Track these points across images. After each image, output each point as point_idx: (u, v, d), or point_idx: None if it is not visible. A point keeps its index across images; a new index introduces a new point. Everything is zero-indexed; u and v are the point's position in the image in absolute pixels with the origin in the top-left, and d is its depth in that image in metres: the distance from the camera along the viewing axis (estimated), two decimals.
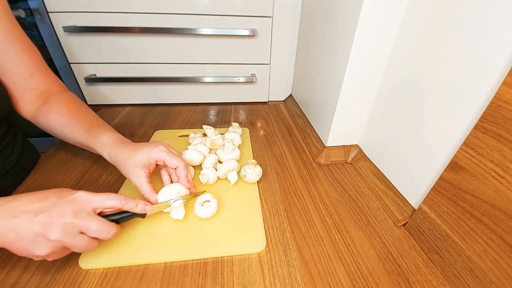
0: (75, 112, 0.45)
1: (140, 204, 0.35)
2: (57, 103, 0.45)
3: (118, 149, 0.40)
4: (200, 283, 0.32)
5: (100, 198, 0.31)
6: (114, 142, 0.41)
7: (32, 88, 0.45)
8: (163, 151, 0.41)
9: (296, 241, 0.38)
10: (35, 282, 0.31)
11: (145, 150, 0.40)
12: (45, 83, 0.46)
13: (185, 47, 0.72)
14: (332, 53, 0.53)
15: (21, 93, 0.44)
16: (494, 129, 0.27)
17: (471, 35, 0.31)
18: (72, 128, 0.43)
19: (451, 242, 0.33)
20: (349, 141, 0.59)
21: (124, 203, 0.33)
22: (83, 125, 0.43)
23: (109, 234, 0.31)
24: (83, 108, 0.47)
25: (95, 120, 0.45)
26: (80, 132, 0.42)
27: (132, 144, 0.42)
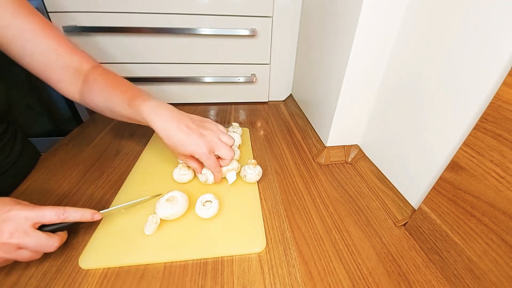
0: (113, 85, 0.44)
1: (86, 214, 0.33)
2: (95, 81, 0.44)
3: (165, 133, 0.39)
4: (200, 283, 0.32)
5: (37, 213, 0.30)
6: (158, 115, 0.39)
7: (64, 66, 0.44)
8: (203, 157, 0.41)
9: (296, 241, 0.38)
10: (35, 282, 0.31)
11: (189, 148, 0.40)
12: (75, 59, 0.45)
13: (185, 47, 0.72)
14: (332, 53, 0.53)
15: (56, 73, 0.43)
16: (494, 129, 0.27)
17: (471, 35, 0.31)
18: (115, 102, 0.42)
19: (451, 242, 0.33)
20: (349, 141, 0.59)
21: (64, 217, 0.32)
22: (124, 98, 0.42)
23: (51, 247, 0.31)
24: (119, 80, 0.46)
25: (134, 91, 0.44)
26: (122, 105, 0.41)
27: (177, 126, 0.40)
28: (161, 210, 0.38)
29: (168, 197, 0.39)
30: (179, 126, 0.40)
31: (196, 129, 0.41)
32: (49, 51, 0.42)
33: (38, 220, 0.30)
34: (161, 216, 0.38)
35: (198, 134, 0.40)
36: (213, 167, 0.42)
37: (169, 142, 0.40)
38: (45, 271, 0.33)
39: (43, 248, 0.30)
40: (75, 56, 0.45)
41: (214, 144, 0.42)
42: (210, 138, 0.41)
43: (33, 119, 0.87)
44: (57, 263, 0.33)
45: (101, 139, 0.61)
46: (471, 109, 0.32)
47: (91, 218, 0.34)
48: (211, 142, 0.41)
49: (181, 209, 0.39)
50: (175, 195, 0.40)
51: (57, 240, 0.31)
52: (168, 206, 0.38)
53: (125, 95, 0.42)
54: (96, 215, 0.34)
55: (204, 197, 0.41)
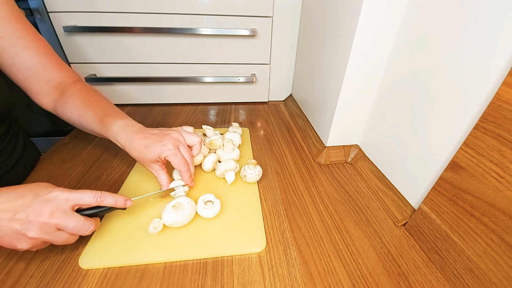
0: (88, 102, 0.45)
1: (119, 200, 0.35)
2: (72, 95, 0.45)
3: (130, 144, 0.40)
4: (200, 283, 0.32)
5: (77, 195, 0.32)
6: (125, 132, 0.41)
7: (47, 80, 0.45)
8: (171, 154, 0.40)
9: (296, 241, 0.38)
10: (35, 282, 0.31)
11: (155, 149, 0.40)
12: (58, 75, 0.46)
13: (185, 47, 0.72)
14: (332, 53, 0.53)
15: (38, 86, 0.45)
16: (494, 129, 0.27)
17: (471, 35, 0.31)
18: (87, 119, 0.43)
19: (451, 242, 0.33)
20: (349, 141, 0.59)
21: (101, 200, 0.33)
22: (96, 115, 0.43)
23: (87, 231, 0.32)
24: (96, 97, 0.47)
25: (108, 109, 0.45)
26: (94, 122, 0.42)
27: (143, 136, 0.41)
28: (166, 216, 0.38)
29: (175, 204, 0.39)
30: (143, 135, 0.41)
31: (160, 133, 0.42)
32: (37, 66, 0.44)
33: (78, 202, 0.32)
34: (166, 223, 0.38)
35: (161, 136, 0.41)
36: (182, 165, 0.41)
37: (135, 154, 0.40)
38: (45, 271, 0.33)
39: (80, 231, 0.31)
40: (58, 71, 0.46)
41: (179, 142, 0.42)
42: (176, 136, 0.42)
43: (33, 119, 0.87)
44: (57, 263, 0.34)
45: (100, 139, 0.61)
46: (471, 109, 0.32)
47: (124, 204, 0.35)
48: (175, 140, 0.42)
49: (186, 218, 0.38)
50: (182, 202, 0.39)
51: (93, 224, 0.32)
52: (173, 213, 0.37)
53: (97, 113, 0.43)
54: (128, 201, 0.36)
55: (205, 197, 0.41)
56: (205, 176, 0.49)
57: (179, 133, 0.43)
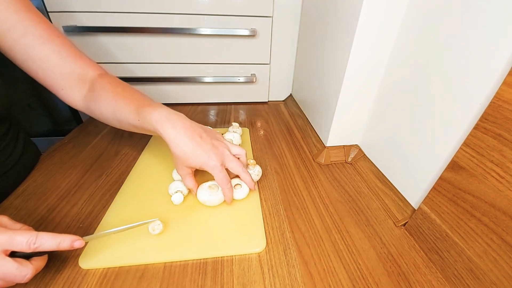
0: (122, 94, 0.42)
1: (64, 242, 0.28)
2: (102, 89, 0.42)
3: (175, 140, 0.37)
4: (200, 283, 0.32)
5: (6, 238, 0.26)
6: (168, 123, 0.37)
7: (67, 72, 0.42)
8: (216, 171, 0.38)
9: (296, 241, 0.38)
10: (34, 282, 0.31)
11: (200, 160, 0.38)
12: (79, 66, 0.43)
13: (185, 47, 0.72)
14: (332, 53, 0.53)
15: (59, 80, 0.41)
16: (494, 129, 0.27)
17: (471, 35, 0.31)
18: (123, 112, 0.40)
19: (451, 242, 0.33)
20: (349, 141, 0.59)
21: (36, 247, 0.27)
22: (132, 106, 0.40)
23: (23, 278, 0.26)
24: (129, 89, 0.44)
25: (143, 99, 0.42)
26: (131, 114, 0.39)
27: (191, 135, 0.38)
28: (201, 194, 0.41)
29: (210, 185, 0.42)
30: (191, 135, 0.37)
31: (209, 139, 0.39)
32: (52, 56, 0.40)
33: (7, 247, 0.26)
34: (200, 200, 0.41)
35: (210, 145, 0.38)
36: (225, 183, 0.39)
37: (178, 151, 0.37)
38: (45, 271, 0.32)
39: (14, 279, 0.26)
40: (79, 62, 0.43)
41: (225, 157, 0.40)
42: (222, 150, 0.40)
43: (33, 119, 0.87)
44: (57, 263, 0.33)
45: (100, 139, 0.61)
46: (471, 108, 0.31)
47: (70, 246, 0.29)
48: (222, 155, 0.39)
49: (218, 199, 0.41)
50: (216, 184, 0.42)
51: (30, 269, 0.27)
52: (208, 192, 0.41)
53: (133, 104, 0.40)
54: (77, 242, 0.29)
55: (233, 181, 0.43)
56: (206, 176, 0.49)
57: (226, 147, 0.41)
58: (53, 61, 0.41)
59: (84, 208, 0.42)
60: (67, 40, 0.43)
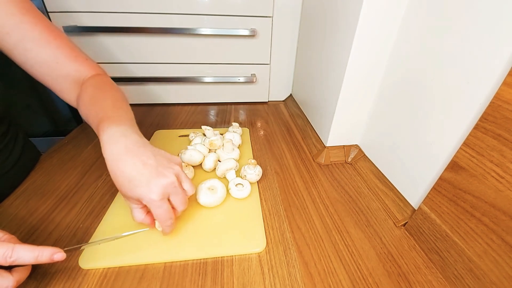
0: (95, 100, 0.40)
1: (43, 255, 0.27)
2: (82, 92, 0.41)
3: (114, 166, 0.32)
4: (200, 283, 0.32)
5: None
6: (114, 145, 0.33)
7: (64, 76, 0.42)
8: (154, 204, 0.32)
9: (296, 241, 0.38)
10: (34, 282, 0.31)
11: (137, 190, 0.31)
12: (75, 68, 0.43)
13: (185, 47, 0.72)
14: (332, 53, 0.53)
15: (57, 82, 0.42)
16: (494, 129, 0.27)
17: (471, 35, 0.31)
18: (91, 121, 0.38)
19: (451, 242, 0.33)
20: (349, 141, 0.59)
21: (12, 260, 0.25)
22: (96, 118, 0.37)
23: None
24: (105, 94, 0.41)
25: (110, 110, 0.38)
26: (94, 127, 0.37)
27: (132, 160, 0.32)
28: (202, 196, 0.41)
29: (210, 186, 0.43)
30: (133, 160, 0.32)
31: (154, 166, 0.32)
32: (49, 60, 0.41)
33: None
34: (201, 202, 0.41)
35: (154, 174, 0.32)
36: (163, 219, 0.33)
37: (114, 179, 0.32)
38: (45, 271, 0.33)
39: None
40: (74, 65, 0.43)
41: (170, 190, 0.33)
42: (168, 181, 0.33)
43: (33, 119, 0.87)
44: (57, 263, 0.33)
45: None
46: (471, 108, 0.31)
47: (50, 259, 0.27)
48: (167, 187, 0.32)
49: (219, 199, 0.42)
50: (216, 185, 0.43)
51: (10, 281, 0.26)
52: (208, 194, 0.41)
53: (98, 115, 0.37)
54: (57, 255, 0.28)
55: (235, 181, 0.45)
56: (206, 175, 0.49)
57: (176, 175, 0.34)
58: (50, 65, 0.41)
59: (84, 208, 0.42)
60: (65, 41, 0.43)
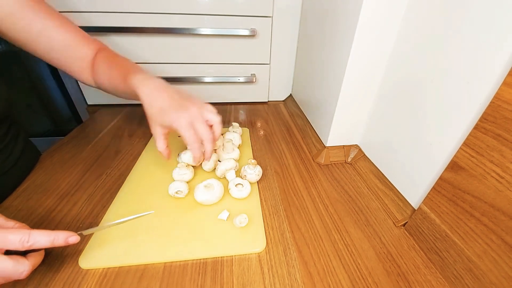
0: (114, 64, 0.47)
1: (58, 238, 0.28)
2: (98, 63, 0.48)
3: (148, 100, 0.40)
4: (200, 283, 0.32)
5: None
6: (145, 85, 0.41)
7: (82, 58, 0.48)
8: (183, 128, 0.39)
9: (296, 241, 0.38)
10: (34, 282, 0.31)
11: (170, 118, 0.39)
12: (90, 49, 0.48)
13: (185, 47, 0.72)
14: (332, 53, 0.53)
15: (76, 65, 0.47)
16: (494, 129, 0.27)
17: (471, 35, 0.31)
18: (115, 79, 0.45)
19: (451, 242, 0.33)
20: (349, 141, 0.59)
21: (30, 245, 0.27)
22: (121, 74, 0.44)
23: (20, 274, 0.27)
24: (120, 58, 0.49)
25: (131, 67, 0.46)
26: (120, 81, 0.44)
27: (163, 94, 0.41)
28: (198, 194, 0.42)
29: (206, 184, 0.43)
30: (163, 95, 0.41)
31: (180, 100, 0.41)
32: (70, 45, 0.46)
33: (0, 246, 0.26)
34: (198, 200, 0.42)
35: (180, 105, 0.40)
36: (192, 141, 0.39)
37: (148, 109, 0.40)
38: (45, 271, 0.33)
39: (11, 276, 0.26)
40: (90, 45, 0.48)
41: (194, 118, 0.40)
42: (193, 110, 0.41)
43: (33, 119, 0.87)
44: (57, 263, 0.34)
45: (100, 139, 0.61)
46: (471, 109, 0.31)
47: (65, 243, 0.29)
48: (191, 115, 0.40)
49: (216, 197, 0.42)
50: (213, 183, 0.43)
51: (26, 265, 0.27)
52: (205, 192, 0.42)
53: (122, 71, 0.45)
54: (71, 238, 0.29)
55: (235, 180, 0.45)
56: (206, 176, 0.49)
57: (199, 108, 0.42)
58: (70, 49, 0.46)
59: (84, 208, 0.42)
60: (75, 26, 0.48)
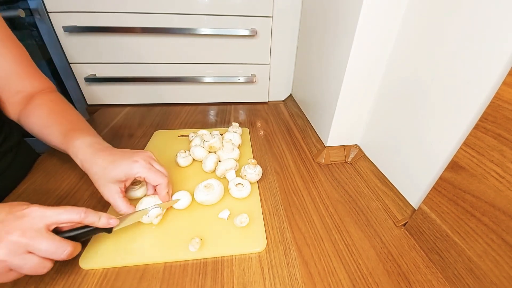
0: (57, 113, 0.43)
1: (103, 218, 0.32)
2: (38, 105, 0.43)
3: (92, 158, 0.37)
4: (200, 283, 0.32)
5: (54, 212, 0.28)
6: (89, 148, 0.37)
7: (18, 90, 0.43)
8: (144, 168, 0.37)
9: (296, 241, 0.38)
10: (34, 283, 0.31)
11: (123, 165, 0.36)
12: (32, 85, 0.44)
13: (185, 47, 0.72)
14: (332, 52, 0.53)
15: (7, 95, 0.43)
16: (494, 129, 0.27)
17: (471, 35, 0.31)
18: (51, 131, 0.41)
19: (451, 242, 0.33)
20: (349, 141, 0.59)
21: (84, 217, 0.30)
22: (62, 128, 0.40)
23: (62, 254, 0.28)
24: (67, 110, 0.45)
25: (77, 123, 0.42)
26: (57, 135, 0.40)
27: (109, 153, 0.38)
28: (198, 194, 0.42)
29: (206, 184, 0.43)
30: (110, 152, 0.38)
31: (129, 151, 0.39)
32: (11, 75, 0.42)
33: (55, 220, 0.28)
34: (198, 200, 0.42)
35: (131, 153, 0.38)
36: (160, 177, 0.37)
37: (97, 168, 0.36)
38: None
39: (54, 253, 0.28)
40: (33, 81, 0.45)
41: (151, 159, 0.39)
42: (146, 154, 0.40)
43: None
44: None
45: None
46: (471, 108, 0.31)
47: (108, 223, 0.32)
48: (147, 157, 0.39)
49: (216, 198, 0.42)
50: (213, 183, 0.43)
51: (70, 245, 0.29)
52: (205, 192, 0.42)
53: (65, 126, 0.41)
54: (112, 220, 0.33)
55: (235, 180, 0.45)
56: (206, 176, 0.49)
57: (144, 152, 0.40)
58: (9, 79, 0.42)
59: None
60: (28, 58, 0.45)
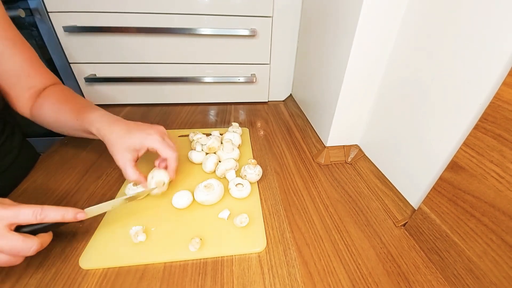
0: (66, 98, 0.46)
1: (68, 213, 0.31)
2: (49, 95, 0.46)
3: (110, 127, 0.39)
4: (200, 283, 0.32)
5: (12, 212, 0.28)
6: (105, 117, 0.41)
7: (29, 87, 0.45)
8: (157, 141, 0.40)
9: (296, 241, 0.38)
10: (34, 283, 0.31)
11: (139, 135, 0.39)
12: (41, 82, 0.47)
13: (185, 47, 0.72)
14: (332, 52, 0.53)
15: (19, 93, 0.45)
16: (494, 129, 0.27)
17: (471, 35, 0.31)
18: (64, 112, 0.43)
19: (451, 242, 0.33)
20: (349, 141, 0.59)
21: (42, 218, 0.29)
22: (74, 108, 0.43)
23: (29, 251, 0.28)
24: (77, 96, 0.48)
25: (86, 104, 0.45)
26: (70, 115, 0.43)
27: (126, 123, 0.41)
28: (198, 194, 0.42)
29: (206, 184, 0.43)
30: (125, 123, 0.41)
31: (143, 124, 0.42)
32: (22, 74, 0.44)
33: (13, 221, 0.28)
34: (198, 200, 0.42)
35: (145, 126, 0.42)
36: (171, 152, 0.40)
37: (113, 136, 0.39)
38: (45, 271, 0.33)
39: (20, 252, 0.28)
40: (42, 79, 0.47)
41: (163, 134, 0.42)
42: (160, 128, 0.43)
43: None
44: (57, 263, 0.33)
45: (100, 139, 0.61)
46: (471, 109, 0.31)
47: (74, 218, 0.31)
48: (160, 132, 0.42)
49: (216, 197, 0.42)
50: (213, 183, 0.43)
51: (35, 243, 0.29)
52: (205, 192, 0.42)
53: (75, 106, 0.44)
54: (80, 214, 0.32)
55: (235, 180, 0.45)
56: (206, 176, 0.49)
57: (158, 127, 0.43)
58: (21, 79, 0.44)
59: (84, 208, 0.42)
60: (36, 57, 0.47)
